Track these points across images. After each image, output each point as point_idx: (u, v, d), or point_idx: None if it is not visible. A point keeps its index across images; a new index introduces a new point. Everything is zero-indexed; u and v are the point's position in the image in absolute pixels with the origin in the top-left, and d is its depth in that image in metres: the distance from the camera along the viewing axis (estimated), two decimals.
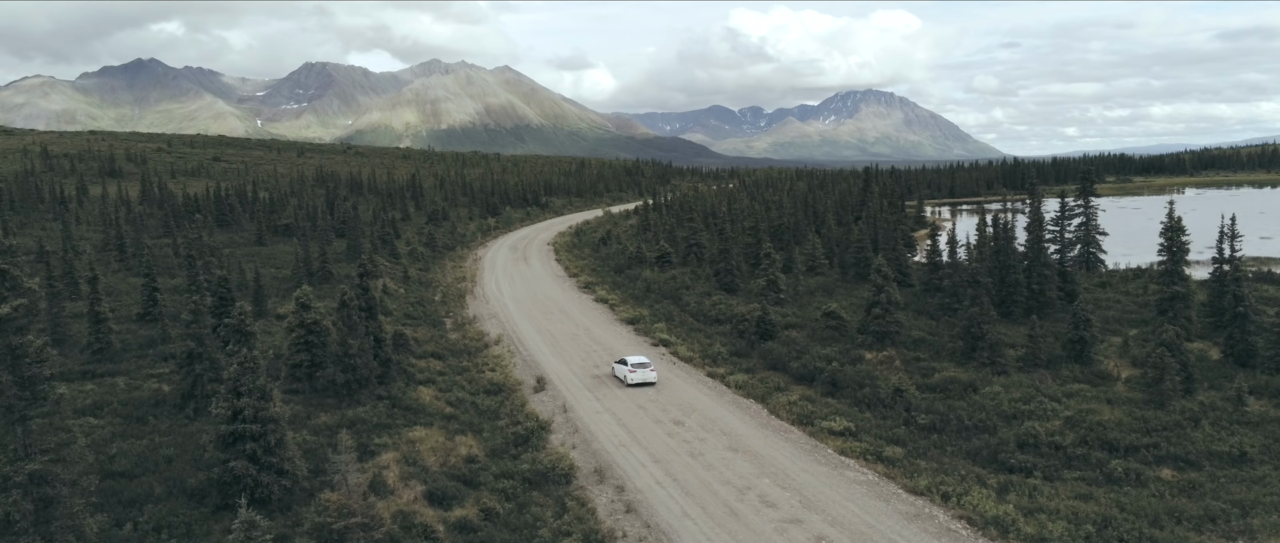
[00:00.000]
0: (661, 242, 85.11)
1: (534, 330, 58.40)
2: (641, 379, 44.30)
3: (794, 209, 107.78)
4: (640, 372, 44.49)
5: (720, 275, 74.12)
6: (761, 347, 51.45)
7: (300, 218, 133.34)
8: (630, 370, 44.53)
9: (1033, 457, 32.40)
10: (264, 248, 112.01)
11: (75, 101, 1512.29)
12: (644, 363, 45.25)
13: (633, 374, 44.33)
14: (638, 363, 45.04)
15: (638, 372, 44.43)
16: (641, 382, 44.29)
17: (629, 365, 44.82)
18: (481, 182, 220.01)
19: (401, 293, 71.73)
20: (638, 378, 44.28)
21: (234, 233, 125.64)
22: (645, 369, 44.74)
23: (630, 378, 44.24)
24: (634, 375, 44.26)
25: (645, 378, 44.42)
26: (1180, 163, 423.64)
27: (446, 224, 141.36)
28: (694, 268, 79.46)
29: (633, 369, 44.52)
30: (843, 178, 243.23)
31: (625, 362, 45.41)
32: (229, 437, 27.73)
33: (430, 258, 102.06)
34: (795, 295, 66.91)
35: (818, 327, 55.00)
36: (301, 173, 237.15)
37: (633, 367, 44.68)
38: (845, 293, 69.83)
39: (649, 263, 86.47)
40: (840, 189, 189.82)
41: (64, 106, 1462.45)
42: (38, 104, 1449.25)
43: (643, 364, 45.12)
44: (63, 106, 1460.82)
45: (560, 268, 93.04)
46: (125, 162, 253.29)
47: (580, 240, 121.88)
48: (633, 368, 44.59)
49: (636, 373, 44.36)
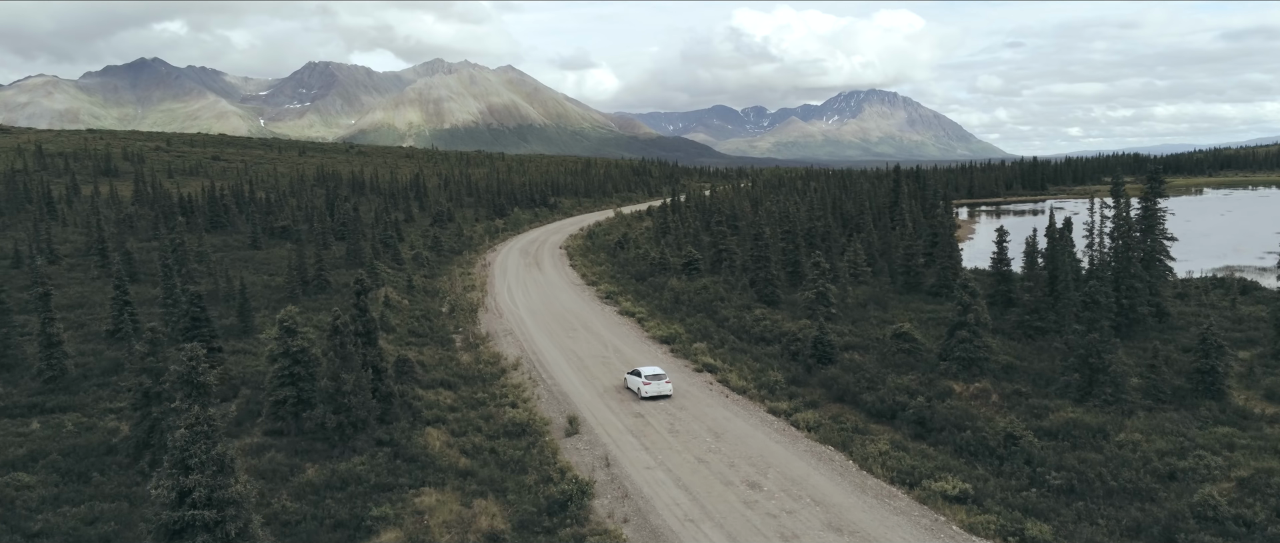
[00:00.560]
0: (688, 247, 77.81)
1: (556, 351, 51.21)
2: (657, 392, 41.02)
3: (824, 211, 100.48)
4: (655, 384, 41.08)
5: (758, 286, 66.86)
6: (821, 373, 44.24)
7: (298, 220, 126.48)
8: (645, 382, 41.18)
9: (1218, 538, 25.08)
10: (258, 252, 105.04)
11: (78, 101, 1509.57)
12: (659, 374, 41.73)
13: (647, 386, 41.04)
14: (652, 374, 41.58)
15: (653, 384, 41.08)
16: (657, 395, 41.05)
17: (643, 377, 41.43)
18: (487, 182, 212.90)
19: (405, 305, 64.58)
20: (653, 391, 40.99)
21: (228, 235, 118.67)
22: (660, 381, 41.29)
23: (645, 391, 40.98)
24: (649, 388, 40.99)
25: (661, 391, 41.11)
26: (1197, 163, 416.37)
27: (452, 226, 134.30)
28: (727, 277, 72.18)
29: (647, 381, 41.20)
30: (861, 178, 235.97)
31: (639, 373, 41.91)
32: (174, 527, 20.51)
33: (436, 263, 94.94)
34: (845, 308, 59.63)
35: (886, 349, 47.74)
36: (302, 173, 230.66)
37: (647, 379, 41.27)
38: (901, 306, 62.56)
39: (675, 270, 79.26)
40: (859, 190, 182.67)
41: (67, 106, 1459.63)
42: (41, 103, 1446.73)
43: (657, 376, 41.60)
44: (66, 106, 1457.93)
45: (576, 275, 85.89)
46: (122, 160, 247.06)
47: (594, 244, 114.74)
48: (647, 380, 41.23)
49: (651, 385, 41.05)
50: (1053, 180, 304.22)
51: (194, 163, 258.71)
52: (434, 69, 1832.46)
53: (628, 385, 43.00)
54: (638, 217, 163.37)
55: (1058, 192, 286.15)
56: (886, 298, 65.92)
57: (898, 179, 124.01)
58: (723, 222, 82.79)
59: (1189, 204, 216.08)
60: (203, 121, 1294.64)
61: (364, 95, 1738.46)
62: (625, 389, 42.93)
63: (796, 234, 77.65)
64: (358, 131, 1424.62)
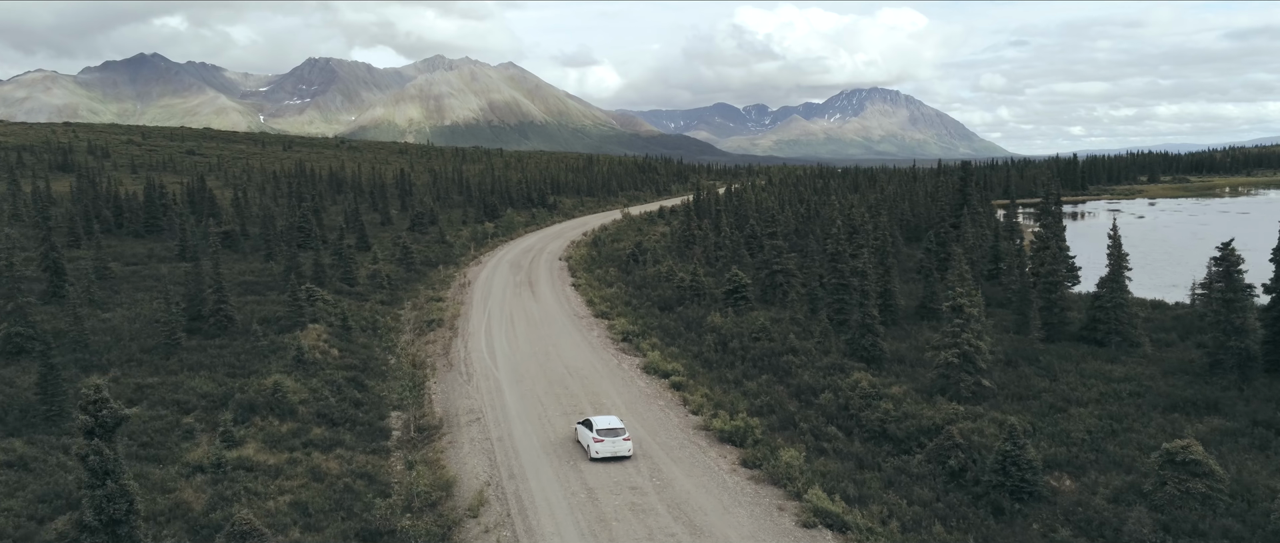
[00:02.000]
0: (733, 269, 57.27)
1: (552, 472, 30.44)
2: (612, 452, 32.12)
3: (882, 217, 79.96)
4: (610, 442, 32.18)
5: (848, 330, 46.58)
6: (1019, 522, 24.09)
7: (250, 224, 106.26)
8: (596, 439, 32.37)
9: None
10: (186, 265, 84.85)
11: (77, 96, 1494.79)
12: (615, 428, 32.68)
13: (599, 444, 32.21)
14: (607, 428, 32.71)
15: (606, 441, 32.25)
16: (612, 456, 32.14)
17: (594, 432, 32.62)
18: (480, 179, 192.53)
19: (332, 357, 44.31)
20: (606, 450, 32.15)
21: (160, 242, 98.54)
22: (617, 437, 32.29)
23: (597, 450, 32.10)
24: (601, 447, 32.14)
25: (617, 450, 32.15)
26: (1234, 161, 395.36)
27: (433, 231, 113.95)
28: (794, 313, 51.77)
29: (599, 437, 32.41)
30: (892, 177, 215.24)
31: (590, 425, 33.15)
32: None
33: (402, 282, 74.68)
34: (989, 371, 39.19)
35: (1149, 481, 27.26)
36: (282, 168, 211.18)
37: (599, 434, 32.50)
38: (1063, 364, 42.06)
39: (714, 299, 58.99)
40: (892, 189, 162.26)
41: (66, 101, 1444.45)
42: (40, 98, 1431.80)
43: (614, 429, 32.61)
44: (64, 101, 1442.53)
45: (580, 300, 65.64)
46: (86, 155, 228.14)
47: (600, 253, 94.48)
48: (599, 435, 32.47)
49: (605, 443, 32.25)
50: (1089, 179, 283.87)
51: (165, 158, 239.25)
52: (435, 66, 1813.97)
53: (577, 439, 33.99)
54: (648, 219, 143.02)
55: (1099, 191, 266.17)
56: (1034, 349, 45.48)
57: (965, 179, 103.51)
58: (774, 232, 62.19)
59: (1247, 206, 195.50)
60: (202, 117, 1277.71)
61: (365, 92, 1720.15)
62: (575, 443, 33.74)
63: (861, 245, 57.13)
64: (358, 128, 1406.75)
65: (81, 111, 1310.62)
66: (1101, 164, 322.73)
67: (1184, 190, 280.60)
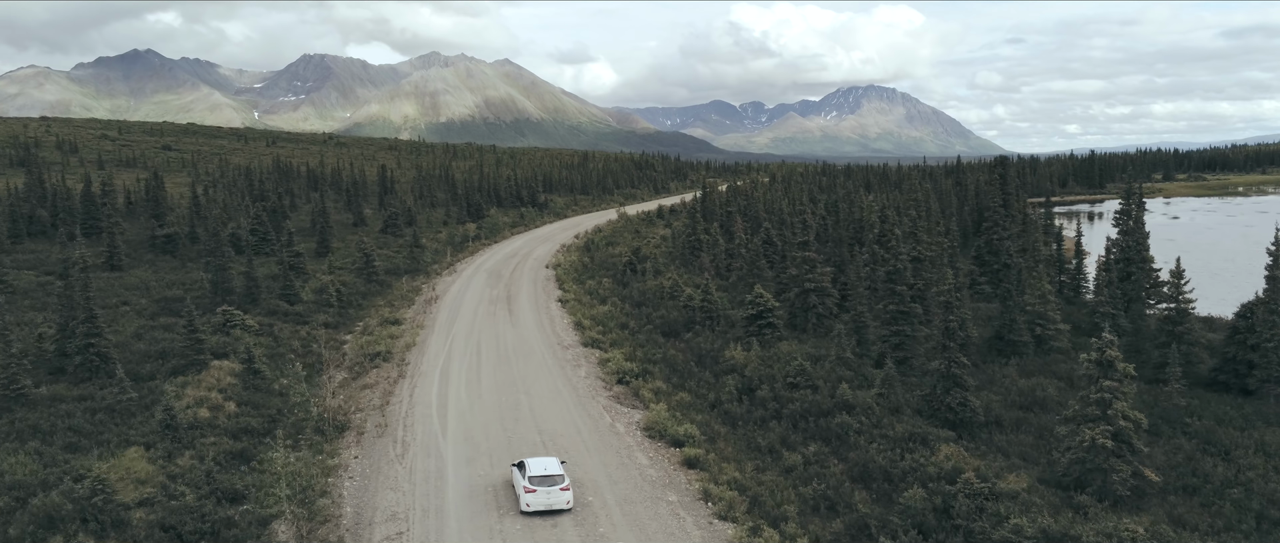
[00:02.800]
0: (758, 289, 45.69)
1: None
2: (545, 505, 24.93)
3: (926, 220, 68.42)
4: (544, 492, 24.85)
5: (923, 383, 35.18)
6: None
7: (198, 226, 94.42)
8: (528, 487, 25.00)
9: None
10: (113, 275, 73.22)
11: (70, 92, 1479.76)
12: (552, 475, 25.27)
13: (532, 495, 24.88)
14: (543, 474, 25.30)
15: (540, 492, 24.86)
16: (545, 509, 24.92)
17: (527, 478, 25.26)
18: (468, 176, 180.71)
19: (225, 416, 32.79)
20: (539, 503, 24.88)
21: (93, 247, 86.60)
22: (553, 486, 24.99)
23: (528, 503, 24.89)
24: (533, 499, 24.87)
25: (552, 503, 24.95)
26: (1248, 158, 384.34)
27: (408, 233, 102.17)
28: (842, 350, 40.23)
29: (532, 484, 25.03)
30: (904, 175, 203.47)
31: (523, 467, 25.93)
32: None
33: (357, 298, 63.10)
34: None
35: None
36: (259, 165, 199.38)
37: (532, 481, 25.09)
38: (1231, 432, 30.67)
39: (731, 323, 47.57)
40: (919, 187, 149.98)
41: (58, 97, 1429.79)
42: (32, 95, 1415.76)
43: (550, 476, 25.24)
44: (57, 97, 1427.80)
45: (567, 322, 54.13)
46: (54, 150, 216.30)
47: (594, 260, 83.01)
48: (532, 482, 25.06)
49: (538, 493, 24.85)
50: (1104, 177, 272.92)
51: (137, 154, 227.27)
52: (430, 62, 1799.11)
53: (512, 483, 27.09)
54: (646, 220, 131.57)
55: (1118, 190, 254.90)
56: (1175, 410, 33.96)
57: (1005, 176, 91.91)
58: (805, 241, 50.60)
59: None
60: (196, 114, 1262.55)
61: (359, 88, 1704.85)
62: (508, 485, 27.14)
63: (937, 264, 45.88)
64: (353, 125, 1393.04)
65: (74, 108, 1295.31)
66: (1116, 162, 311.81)
67: (1203, 189, 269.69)
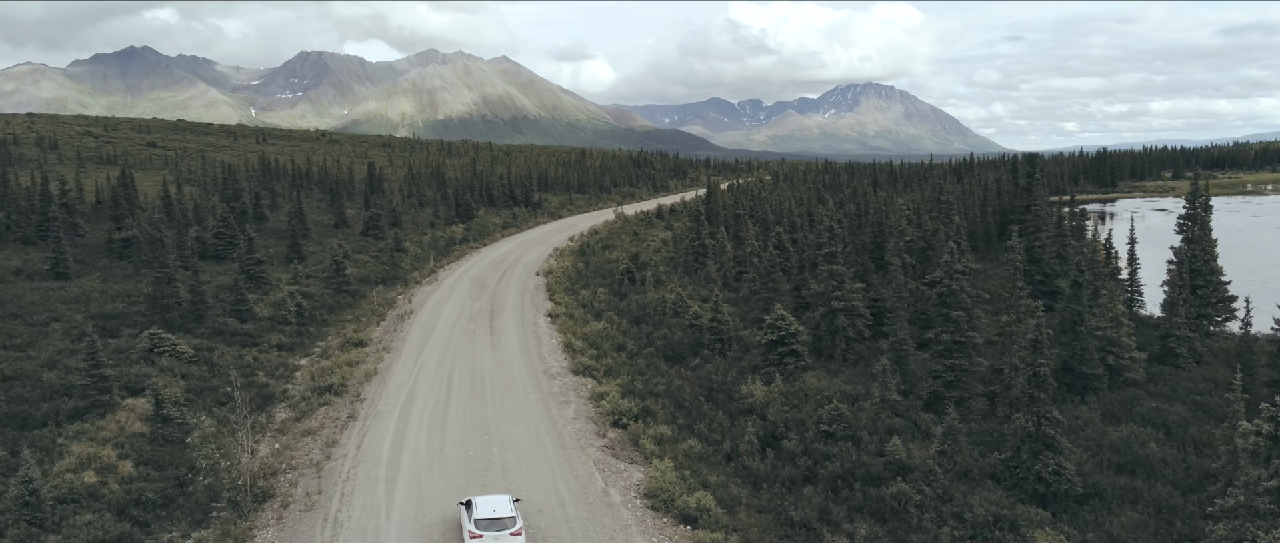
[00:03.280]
0: (779, 310, 38.78)
1: None
2: None
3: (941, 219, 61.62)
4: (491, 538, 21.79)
5: (999, 443, 28.40)
6: None
7: (166, 229, 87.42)
8: (473, 532, 22.01)
9: None
10: (57, 284, 66.41)
11: (66, 89, 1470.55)
12: (501, 517, 22.34)
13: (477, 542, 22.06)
14: (491, 516, 22.30)
15: (486, 538, 21.80)
16: None
17: (474, 521, 22.34)
18: (460, 174, 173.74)
19: (118, 481, 26.01)
20: None
21: (43, 251, 79.66)
22: (503, 532, 21.99)
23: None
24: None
25: None
26: (1258, 156, 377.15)
27: (391, 235, 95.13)
28: (886, 390, 33.36)
29: (478, 529, 22.05)
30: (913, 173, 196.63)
31: (471, 506, 23.11)
32: None
33: (322, 312, 56.23)
34: None
35: None
36: (245, 163, 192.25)
37: (479, 525, 22.15)
38: None
39: (745, 348, 40.74)
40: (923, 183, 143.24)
41: (55, 94, 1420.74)
42: (28, 91, 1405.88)
43: (499, 520, 22.27)
44: (53, 94, 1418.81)
45: (555, 343, 47.35)
46: (32, 146, 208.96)
47: (588, 266, 76.25)
48: (479, 527, 22.11)
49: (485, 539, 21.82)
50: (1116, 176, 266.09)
51: (120, 151, 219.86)
52: (428, 59, 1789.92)
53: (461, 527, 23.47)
54: (645, 220, 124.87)
55: (1130, 188, 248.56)
56: None
57: (1032, 174, 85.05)
58: (832, 253, 43.70)
59: None
60: (193, 111, 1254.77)
61: (357, 85, 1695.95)
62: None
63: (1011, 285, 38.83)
64: (351, 122, 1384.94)
65: (70, 105, 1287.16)
66: (1125, 160, 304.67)
67: (1217, 188, 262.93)
